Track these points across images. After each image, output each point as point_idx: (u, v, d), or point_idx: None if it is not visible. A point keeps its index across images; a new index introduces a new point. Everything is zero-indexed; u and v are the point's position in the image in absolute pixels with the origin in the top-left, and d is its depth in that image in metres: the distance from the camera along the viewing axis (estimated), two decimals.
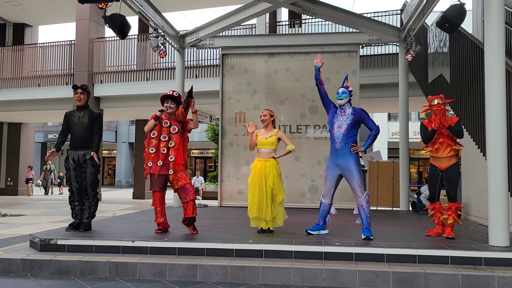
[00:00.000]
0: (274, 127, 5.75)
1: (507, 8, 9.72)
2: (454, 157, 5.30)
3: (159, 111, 5.40)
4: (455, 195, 5.31)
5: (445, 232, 5.25)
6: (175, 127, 5.44)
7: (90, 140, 5.59)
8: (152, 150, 5.36)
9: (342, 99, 5.34)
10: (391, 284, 4.09)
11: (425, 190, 8.62)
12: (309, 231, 5.43)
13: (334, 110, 5.45)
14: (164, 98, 5.53)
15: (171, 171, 5.33)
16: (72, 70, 15.29)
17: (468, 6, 7.29)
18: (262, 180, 5.44)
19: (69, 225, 5.64)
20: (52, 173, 20.90)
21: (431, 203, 5.51)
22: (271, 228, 5.52)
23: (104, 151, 30.87)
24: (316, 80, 5.57)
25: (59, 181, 21.80)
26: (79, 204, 5.60)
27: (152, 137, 5.41)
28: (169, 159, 5.35)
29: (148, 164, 5.39)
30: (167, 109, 5.46)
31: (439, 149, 5.31)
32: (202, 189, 18.01)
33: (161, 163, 5.33)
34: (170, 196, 8.00)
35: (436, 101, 5.28)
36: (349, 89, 5.40)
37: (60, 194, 20.52)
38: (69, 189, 5.64)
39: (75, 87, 5.63)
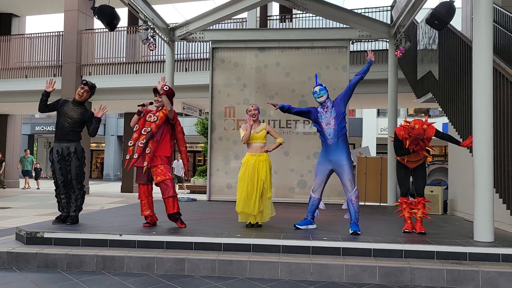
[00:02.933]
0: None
1: (496, 6, 9.81)
2: (422, 158, 5.38)
3: (139, 105, 5.39)
4: (423, 191, 5.42)
5: (416, 228, 5.31)
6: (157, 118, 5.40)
7: (75, 133, 5.55)
8: (131, 143, 5.32)
9: (322, 96, 5.35)
10: (378, 279, 4.14)
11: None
12: (297, 225, 5.46)
13: (315, 112, 5.42)
14: (155, 91, 5.50)
15: (145, 163, 5.25)
16: (60, 61, 15.10)
17: (458, 4, 7.34)
18: (254, 174, 5.46)
19: (56, 218, 5.60)
20: (31, 165, 19.17)
21: (401, 198, 5.50)
22: (259, 223, 5.53)
23: (92, 144, 30.62)
24: (290, 111, 5.54)
25: (33, 173, 19.64)
26: (65, 197, 5.56)
27: (134, 131, 5.39)
28: (146, 151, 5.26)
29: (126, 157, 5.35)
30: (155, 102, 5.44)
31: (411, 156, 5.33)
32: (184, 177, 16.63)
33: (137, 156, 5.24)
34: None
35: (416, 126, 4.97)
36: (323, 85, 5.40)
37: (37, 189, 18.48)
38: (54, 182, 5.59)
39: (84, 83, 5.63)
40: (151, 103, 5.50)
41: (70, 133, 5.51)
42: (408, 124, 5.06)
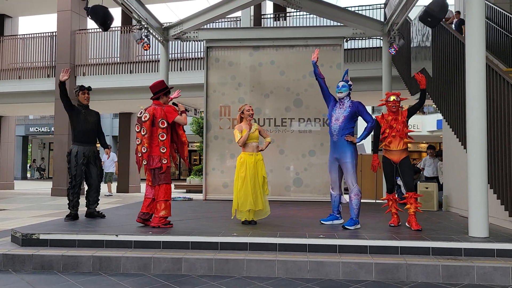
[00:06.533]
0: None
1: (488, 3, 9.86)
2: (405, 150, 5.49)
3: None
4: (412, 185, 5.48)
5: (412, 225, 5.34)
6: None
7: (96, 137, 6.12)
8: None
9: (341, 92, 5.54)
10: (374, 275, 4.16)
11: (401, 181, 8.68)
12: (322, 221, 5.67)
13: (333, 103, 5.64)
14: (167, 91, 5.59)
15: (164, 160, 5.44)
16: (53, 62, 15.02)
17: (450, 1, 7.36)
18: (256, 173, 5.62)
19: (67, 216, 5.86)
20: None
21: (387, 194, 5.66)
22: (254, 220, 5.60)
23: None
24: (315, 75, 5.74)
25: None
26: (77, 196, 5.89)
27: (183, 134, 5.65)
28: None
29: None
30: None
31: (391, 142, 5.47)
32: (117, 173, 15.35)
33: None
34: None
35: (392, 98, 5.46)
36: (348, 83, 5.58)
37: None
38: (74, 184, 5.80)
39: (82, 88, 6.03)
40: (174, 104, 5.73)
41: (94, 136, 6.05)
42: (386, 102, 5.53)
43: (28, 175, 32.92)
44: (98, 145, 6.34)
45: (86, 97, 6.06)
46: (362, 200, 5.50)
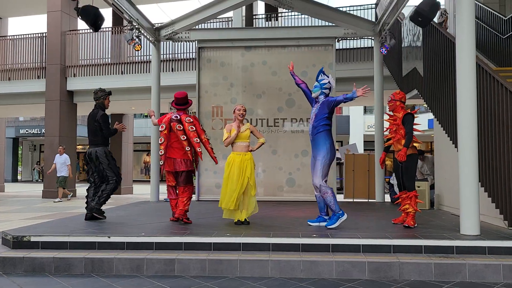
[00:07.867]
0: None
1: (478, 3, 9.95)
2: (409, 149, 5.44)
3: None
4: (410, 184, 5.48)
5: (408, 223, 5.37)
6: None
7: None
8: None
9: (313, 92, 5.56)
10: (367, 274, 4.17)
11: (394, 180, 8.74)
12: (309, 222, 5.60)
13: (313, 104, 5.64)
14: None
15: None
16: (44, 63, 14.91)
17: (441, 1, 7.41)
18: (240, 173, 5.57)
19: (102, 216, 6.13)
20: None
21: (399, 191, 5.72)
22: (247, 220, 5.59)
23: (78, 146, 30.30)
24: (296, 84, 5.81)
25: None
26: None
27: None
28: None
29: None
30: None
31: (392, 143, 5.60)
32: (70, 177, 13.54)
33: None
34: (145, 191, 7.91)
35: (389, 98, 5.65)
36: (321, 82, 5.51)
37: None
38: (116, 180, 6.15)
39: (110, 93, 6.31)
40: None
41: None
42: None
43: (19, 177, 32.64)
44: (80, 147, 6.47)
45: (109, 103, 6.34)
46: (355, 200, 5.50)
